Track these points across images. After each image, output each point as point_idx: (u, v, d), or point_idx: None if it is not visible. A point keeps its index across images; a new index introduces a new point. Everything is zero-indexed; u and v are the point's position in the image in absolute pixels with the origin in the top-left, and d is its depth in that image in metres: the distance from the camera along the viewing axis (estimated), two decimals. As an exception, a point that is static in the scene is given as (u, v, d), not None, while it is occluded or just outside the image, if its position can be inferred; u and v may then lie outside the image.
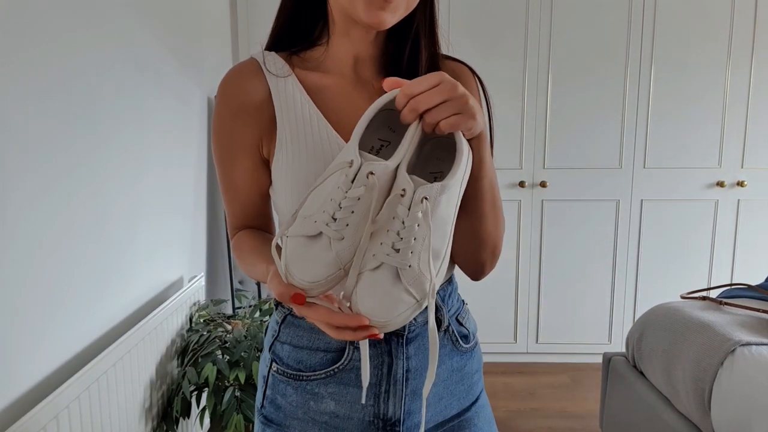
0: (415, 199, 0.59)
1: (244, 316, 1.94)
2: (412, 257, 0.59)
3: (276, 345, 0.80)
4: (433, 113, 0.59)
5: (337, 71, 0.77)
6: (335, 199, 0.59)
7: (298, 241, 0.60)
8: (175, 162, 1.98)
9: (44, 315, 1.18)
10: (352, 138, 0.62)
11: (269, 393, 0.80)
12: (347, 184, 0.59)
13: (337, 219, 0.59)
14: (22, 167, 1.11)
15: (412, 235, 0.59)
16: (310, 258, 0.59)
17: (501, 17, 2.73)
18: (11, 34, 1.08)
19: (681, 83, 2.75)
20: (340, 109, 0.74)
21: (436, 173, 0.66)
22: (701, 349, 1.52)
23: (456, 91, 0.59)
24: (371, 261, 0.59)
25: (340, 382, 0.75)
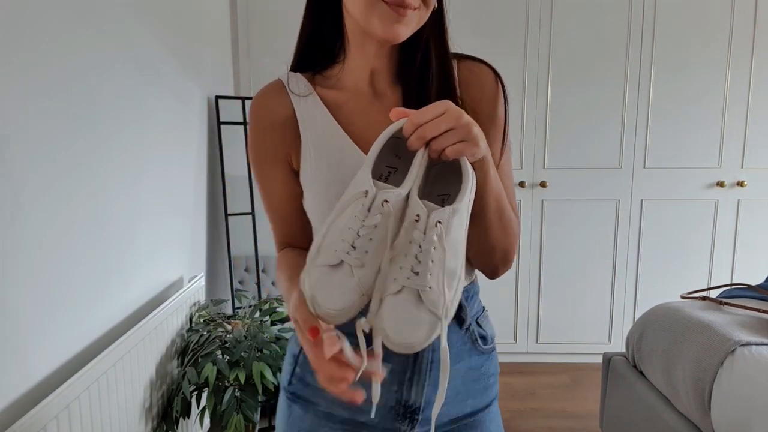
0: (429, 224, 0.62)
1: (244, 316, 1.94)
2: (431, 279, 0.61)
3: None
4: (440, 141, 0.63)
5: (354, 86, 0.82)
6: (353, 228, 0.63)
7: (321, 270, 0.63)
8: (175, 162, 1.98)
9: (45, 315, 1.18)
10: (365, 167, 0.66)
11: (299, 371, 0.84)
12: (364, 212, 0.63)
13: (356, 247, 0.62)
14: (22, 167, 1.11)
15: (429, 257, 0.61)
16: (334, 286, 0.62)
17: (501, 17, 2.73)
18: (11, 34, 1.08)
19: (681, 83, 2.76)
20: (357, 122, 0.80)
21: (443, 195, 0.70)
22: (701, 349, 1.52)
23: (461, 120, 0.63)
24: (392, 285, 0.62)
25: None
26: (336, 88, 0.82)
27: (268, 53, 2.76)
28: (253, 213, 2.41)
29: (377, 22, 0.72)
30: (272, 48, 2.76)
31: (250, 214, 2.40)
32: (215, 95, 2.42)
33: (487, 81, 0.84)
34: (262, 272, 2.44)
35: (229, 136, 2.41)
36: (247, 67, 2.77)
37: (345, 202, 0.65)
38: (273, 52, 2.77)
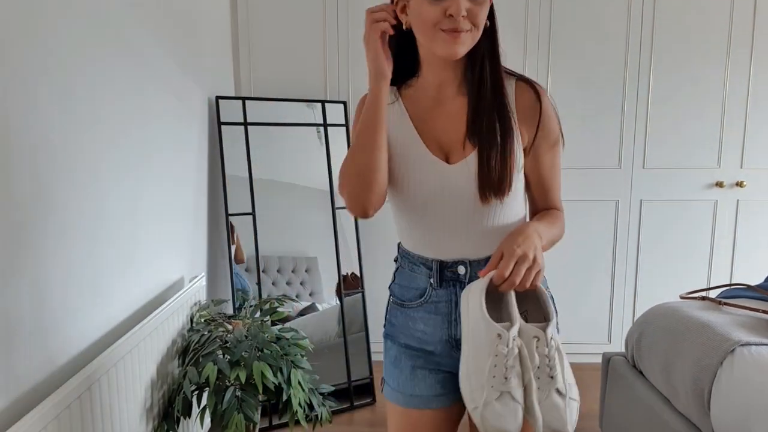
0: (547, 340, 0.88)
1: (245, 316, 1.94)
2: (559, 376, 0.87)
3: (392, 286, 1.19)
4: (524, 282, 0.90)
5: (427, 94, 1.06)
6: (499, 365, 0.84)
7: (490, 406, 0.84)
8: (176, 162, 1.98)
9: (45, 314, 1.18)
10: (487, 320, 0.87)
11: (389, 316, 1.19)
12: (503, 350, 0.84)
13: (508, 378, 0.84)
14: (21, 167, 1.11)
15: (555, 363, 0.87)
16: (504, 413, 0.84)
17: (500, 17, 2.73)
18: (11, 34, 1.08)
19: (680, 83, 2.76)
20: (427, 122, 1.05)
21: (523, 311, 0.93)
22: (701, 349, 1.52)
23: (529, 258, 0.90)
24: (541, 392, 0.86)
25: (426, 310, 1.09)
26: (414, 96, 1.07)
27: (268, 54, 2.77)
28: (253, 213, 2.41)
29: (438, 45, 0.94)
30: (273, 48, 2.76)
31: (250, 215, 2.41)
32: (216, 95, 2.43)
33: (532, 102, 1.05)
34: (263, 272, 2.44)
35: (230, 136, 2.42)
36: (247, 67, 2.77)
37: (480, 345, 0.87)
38: (273, 53, 2.77)
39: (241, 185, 2.41)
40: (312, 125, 2.60)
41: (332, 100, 2.75)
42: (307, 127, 2.59)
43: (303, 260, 2.54)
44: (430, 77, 1.04)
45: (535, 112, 1.04)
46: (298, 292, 2.52)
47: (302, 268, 2.53)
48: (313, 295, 2.55)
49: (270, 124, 2.51)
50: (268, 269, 2.46)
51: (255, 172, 2.43)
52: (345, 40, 2.75)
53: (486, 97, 1.00)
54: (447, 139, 1.03)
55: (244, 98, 2.48)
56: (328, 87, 2.78)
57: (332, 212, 2.58)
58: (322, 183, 2.58)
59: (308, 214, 2.56)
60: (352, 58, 2.77)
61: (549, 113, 1.07)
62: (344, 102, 2.70)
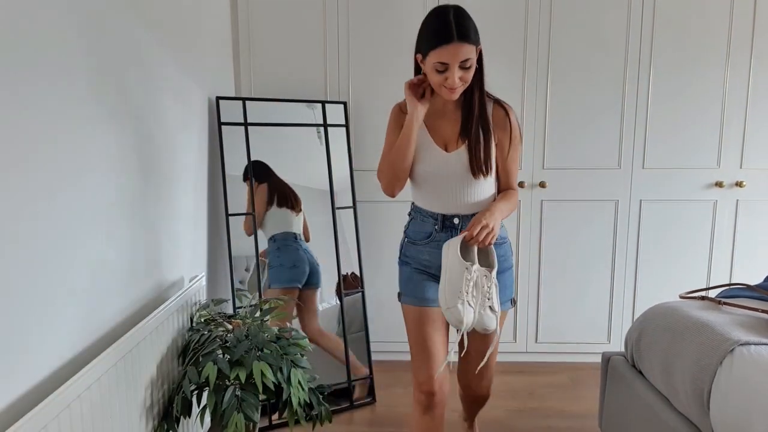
0: (491, 278, 1.48)
1: (245, 315, 1.95)
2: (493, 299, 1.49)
3: (407, 230, 1.72)
4: (483, 241, 1.48)
5: (436, 108, 1.62)
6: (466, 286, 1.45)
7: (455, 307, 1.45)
8: (177, 162, 1.99)
9: (46, 314, 1.18)
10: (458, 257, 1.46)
11: (403, 251, 1.72)
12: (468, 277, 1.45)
13: (468, 293, 1.45)
14: (21, 167, 1.11)
15: (492, 292, 1.48)
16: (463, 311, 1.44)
17: (500, 17, 2.74)
18: (11, 34, 1.08)
19: (680, 84, 2.76)
20: (435, 125, 1.63)
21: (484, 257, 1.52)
22: (700, 348, 1.52)
23: (489, 227, 1.48)
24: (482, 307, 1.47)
25: (431, 246, 1.64)
26: (430, 113, 1.62)
27: (268, 54, 2.77)
28: (253, 213, 2.41)
29: (442, 93, 1.51)
30: (273, 49, 2.77)
31: (250, 215, 2.41)
32: (216, 96, 2.43)
33: (503, 118, 1.61)
34: (263, 272, 2.44)
35: (230, 136, 2.42)
36: (247, 68, 2.77)
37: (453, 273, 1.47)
38: (273, 53, 2.77)
39: (242, 185, 2.41)
40: (312, 125, 2.60)
41: (332, 100, 2.76)
42: (307, 128, 2.60)
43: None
44: (437, 100, 1.60)
45: (505, 123, 1.60)
46: (298, 292, 2.52)
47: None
48: (313, 295, 2.55)
49: (270, 124, 2.51)
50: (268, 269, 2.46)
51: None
52: (345, 40, 2.76)
53: (474, 113, 1.56)
54: (447, 137, 1.61)
55: (244, 99, 2.49)
56: (328, 87, 2.79)
57: (332, 212, 2.58)
58: (322, 183, 2.58)
59: (308, 214, 2.56)
60: (352, 59, 2.77)
61: (514, 124, 1.61)
62: (344, 102, 2.70)
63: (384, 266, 2.92)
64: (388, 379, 2.79)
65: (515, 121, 1.61)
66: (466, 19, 1.45)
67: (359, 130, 2.82)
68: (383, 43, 2.76)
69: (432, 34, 1.45)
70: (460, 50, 1.42)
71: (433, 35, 1.44)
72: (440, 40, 1.42)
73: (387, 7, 2.74)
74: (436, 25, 1.44)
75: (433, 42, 1.44)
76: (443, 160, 1.59)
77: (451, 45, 1.41)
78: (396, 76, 2.77)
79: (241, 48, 2.76)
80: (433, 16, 1.48)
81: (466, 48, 1.42)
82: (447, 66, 1.44)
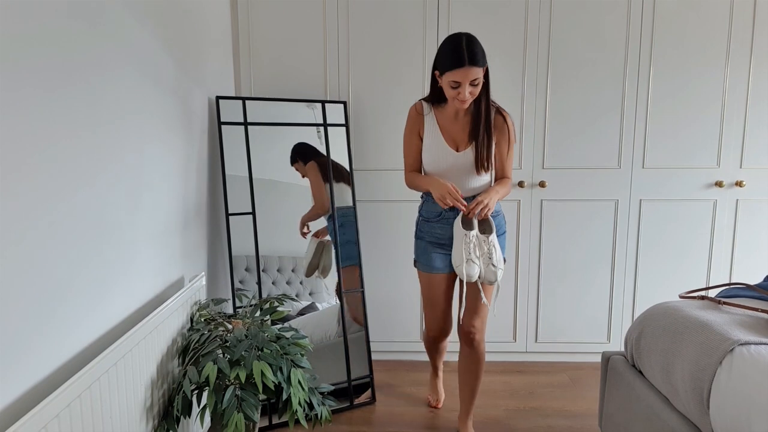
0: (489, 241, 1.90)
1: (245, 315, 1.95)
2: (494, 258, 1.90)
3: (421, 210, 2.09)
4: (481, 213, 1.91)
5: (448, 113, 1.98)
6: (466, 249, 1.88)
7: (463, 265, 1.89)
8: (176, 162, 1.99)
9: (46, 314, 1.18)
10: (459, 227, 1.93)
11: (419, 227, 2.11)
12: (467, 241, 1.89)
13: (471, 252, 1.88)
14: (22, 167, 1.11)
15: (492, 251, 1.90)
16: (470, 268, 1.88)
17: (500, 17, 2.74)
18: (11, 34, 1.08)
19: (680, 83, 2.76)
20: (448, 129, 1.99)
21: (481, 228, 1.94)
22: (700, 348, 1.52)
23: (485, 204, 1.89)
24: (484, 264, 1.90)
25: (441, 223, 2.01)
26: (441, 112, 2.00)
27: (268, 54, 2.77)
28: (253, 213, 2.41)
29: (455, 104, 1.88)
30: (273, 49, 2.77)
31: (250, 214, 2.41)
32: (216, 96, 2.43)
33: (502, 123, 1.98)
34: (263, 272, 2.44)
35: (230, 136, 2.42)
36: (247, 67, 2.78)
37: (458, 240, 1.92)
38: (273, 53, 2.77)
39: (242, 185, 2.41)
40: (312, 125, 2.60)
41: (332, 100, 2.76)
42: (307, 127, 2.60)
43: (303, 260, 2.54)
44: (450, 106, 1.96)
45: (504, 128, 1.97)
46: (298, 292, 2.53)
47: (302, 268, 2.54)
48: (313, 295, 2.56)
49: (270, 124, 2.52)
50: (268, 269, 2.46)
51: (255, 172, 2.43)
52: (345, 40, 2.76)
53: (481, 120, 1.92)
54: (458, 138, 1.98)
55: (244, 98, 2.49)
56: (328, 87, 2.79)
57: (332, 212, 2.58)
58: (322, 183, 2.58)
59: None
60: (352, 59, 2.77)
61: (511, 129, 1.98)
62: (344, 102, 2.70)
63: (384, 266, 2.93)
64: (388, 379, 2.79)
65: (512, 126, 1.99)
66: (475, 46, 1.78)
67: (359, 130, 2.82)
68: (383, 43, 2.76)
69: (448, 57, 1.79)
70: (470, 72, 1.77)
71: (449, 59, 1.79)
72: (454, 63, 1.77)
73: (387, 7, 2.74)
74: (452, 51, 1.78)
75: (448, 64, 1.79)
76: (454, 159, 1.96)
77: (463, 68, 1.76)
78: (396, 76, 2.78)
79: (241, 48, 2.76)
80: (449, 41, 1.81)
81: (475, 70, 1.78)
82: (459, 84, 1.79)
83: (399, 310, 2.96)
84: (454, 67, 1.77)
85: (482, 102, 1.90)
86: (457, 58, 1.76)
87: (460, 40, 1.78)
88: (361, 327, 2.61)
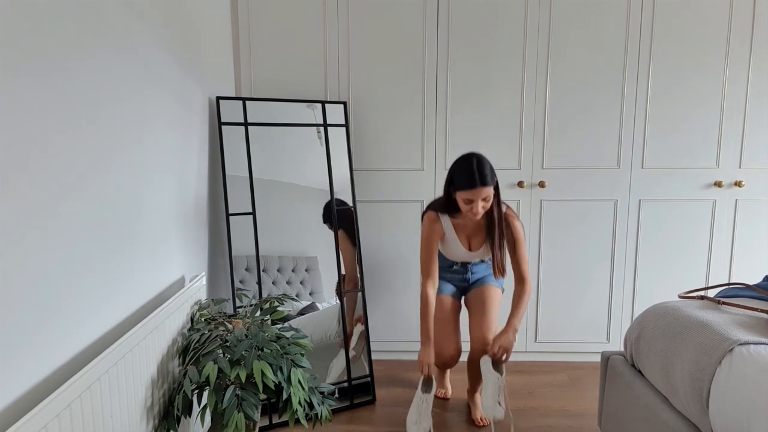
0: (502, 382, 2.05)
1: (245, 315, 1.95)
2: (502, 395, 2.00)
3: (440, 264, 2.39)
4: (502, 358, 2.07)
5: (463, 220, 2.16)
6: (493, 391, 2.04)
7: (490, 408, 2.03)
8: (177, 162, 1.99)
9: (47, 314, 1.19)
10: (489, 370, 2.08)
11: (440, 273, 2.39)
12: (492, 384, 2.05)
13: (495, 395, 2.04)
14: (22, 168, 1.11)
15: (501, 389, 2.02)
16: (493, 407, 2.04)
17: (500, 18, 2.74)
18: (11, 35, 1.09)
19: (679, 84, 2.77)
20: (463, 230, 2.20)
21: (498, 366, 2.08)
22: (699, 348, 1.52)
23: (507, 348, 2.06)
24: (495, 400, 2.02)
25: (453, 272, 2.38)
26: (456, 220, 2.17)
27: (268, 54, 2.77)
28: (253, 213, 2.42)
29: (468, 214, 2.03)
30: (273, 49, 2.77)
31: (250, 214, 2.41)
32: (216, 96, 2.43)
33: (510, 222, 2.14)
34: (263, 271, 2.45)
35: (230, 136, 2.42)
36: (248, 67, 2.78)
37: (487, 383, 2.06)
38: (273, 53, 2.77)
39: (242, 185, 2.41)
40: (312, 125, 2.61)
41: (332, 100, 2.76)
42: (307, 128, 2.60)
43: (303, 260, 2.54)
44: (465, 216, 2.12)
45: (510, 230, 2.14)
46: (298, 292, 2.53)
47: (302, 268, 2.54)
48: (313, 295, 2.56)
49: (270, 124, 2.52)
50: (269, 269, 2.47)
51: (255, 172, 2.43)
52: (345, 40, 2.76)
53: (494, 228, 2.11)
54: (471, 239, 2.22)
55: (244, 99, 2.49)
56: (328, 87, 2.79)
57: (332, 212, 2.59)
58: (322, 183, 2.59)
59: (308, 214, 2.57)
60: (352, 59, 2.77)
61: (517, 228, 2.14)
62: (344, 102, 2.70)
63: (384, 266, 2.93)
64: (388, 379, 2.79)
65: (517, 225, 2.15)
66: (485, 167, 1.97)
67: (359, 130, 2.82)
68: (383, 44, 2.76)
69: (461, 178, 1.99)
70: (481, 192, 1.96)
71: (462, 180, 1.98)
72: (467, 185, 1.96)
73: (387, 7, 2.74)
74: (464, 173, 1.98)
75: (461, 185, 1.99)
76: (467, 255, 2.25)
77: (475, 189, 1.95)
78: (396, 76, 2.78)
79: (241, 48, 2.76)
80: (461, 163, 2.01)
81: (486, 189, 1.96)
82: (473, 200, 1.98)
83: (399, 310, 2.96)
84: (467, 187, 1.96)
85: (494, 212, 2.08)
86: (470, 180, 1.95)
87: (471, 163, 1.97)
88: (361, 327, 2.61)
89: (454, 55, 2.76)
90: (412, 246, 2.91)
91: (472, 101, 2.79)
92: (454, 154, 2.83)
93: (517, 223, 2.14)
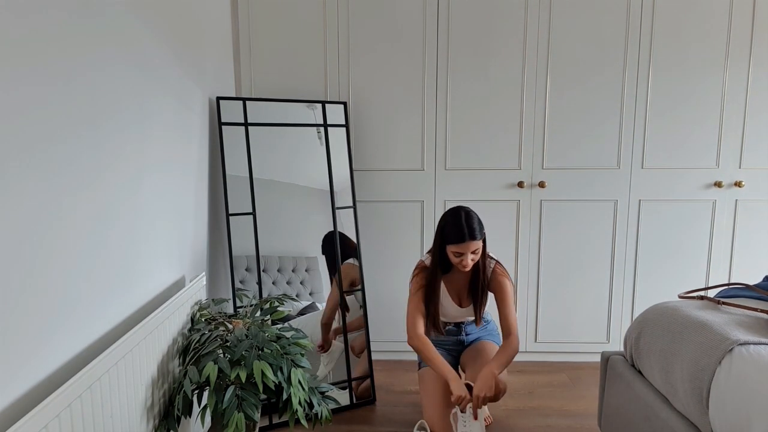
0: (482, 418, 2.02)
1: (245, 315, 1.95)
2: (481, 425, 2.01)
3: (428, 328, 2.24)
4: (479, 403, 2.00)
5: (453, 277, 2.21)
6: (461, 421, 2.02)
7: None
8: (177, 162, 1.99)
9: (48, 314, 1.19)
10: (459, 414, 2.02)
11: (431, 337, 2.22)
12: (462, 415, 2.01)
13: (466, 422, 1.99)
14: (23, 168, 1.11)
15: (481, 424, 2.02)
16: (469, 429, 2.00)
17: (500, 17, 2.74)
18: (11, 35, 1.09)
19: (679, 84, 2.77)
20: (453, 286, 2.22)
21: None
22: (699, 348, 1.53)
23: (492, 393, 2.00)
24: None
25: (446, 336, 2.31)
26: (449, 276, 2.20)
27: (269, 54, 2.77)
28: (254, 213, 2.42)
29: (459, 267, 2.08)
30: (273, 49, 2.77)
31: (251, 214, 2.41)
32: (216, 96, 2.43)
33: (496, 276, 2.18)
34: (263, 272, 2.45)
35: (231, 136, 2.42)
36: (248, 68, 2.78)
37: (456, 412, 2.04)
38: (273, 53, 2.78)
39: (242, 185, 2.41)
40: (312, 125, 2.61)
41: (332, 100, 2.76)
42: (307, 128, 2.60)
43: (303, 260, 2.54)
44: (456, 272, 2.19)
45: (495, 284, 2.18)
46: (299, 292, 2.53)
47: (302, 268, 2.54)
48: (313, 295, 2.56)
49: (270, 124, 2.52)
50: (269, 269, 2.47)
51: (255, 172, 2.44)
52: (345, 40, 2.76)
53: (478, 282, 2.17)
54: (460, 295, 2.23)
55: (244, 99, 2.49)
56: (328, 88, 2.79)
57: (332, 212, 2.59)
58: (323, 183, 2.59)
59: (308, 214, 2.57)
60: (352, 59, 2.77)
61: (504, 284, 2.16)
62: (344, 102, 2.70)
63: (384, 266, 2.93)
64: (388, 379, 2.79)
65: (503, 277, 2.17)
66: (473, 221, 2.04)
67: (359, 130, 2.83)
68: (383, 43, 2.76)
69: (450, 233, 2.04)
70: (470, 245, 2.02)
71: (451, 234, 2.03)
72: (456, 239, 2.02)
73: (387, 7, 2.74)
74: (453, 227, 2.03)
75: (450, 239, 2.04)
76: (457, 311, 2.24)
77: (464, 243, 2.01)
78: (396, 76, 2.78)
79: (241, 48, 2.76)
80: (450, 217, 2.06)
81: (475, 243, 2.03)
82: (462, 253, 2.03)
83: (399, 310, 2.96)
84: (456, 241, 2.02)
85: (479, 268, 2.13)
86: (459, 234, 2.01)
87: (460, 217, 2.03)
88: (360, 326, 2.61)
89: (454, 55, 2.76)
90: (412, 246, 2.91)
91: (472, 101, 2.79)
92: (454, 154, 2.83)
93: (505, 280, 2.15)
